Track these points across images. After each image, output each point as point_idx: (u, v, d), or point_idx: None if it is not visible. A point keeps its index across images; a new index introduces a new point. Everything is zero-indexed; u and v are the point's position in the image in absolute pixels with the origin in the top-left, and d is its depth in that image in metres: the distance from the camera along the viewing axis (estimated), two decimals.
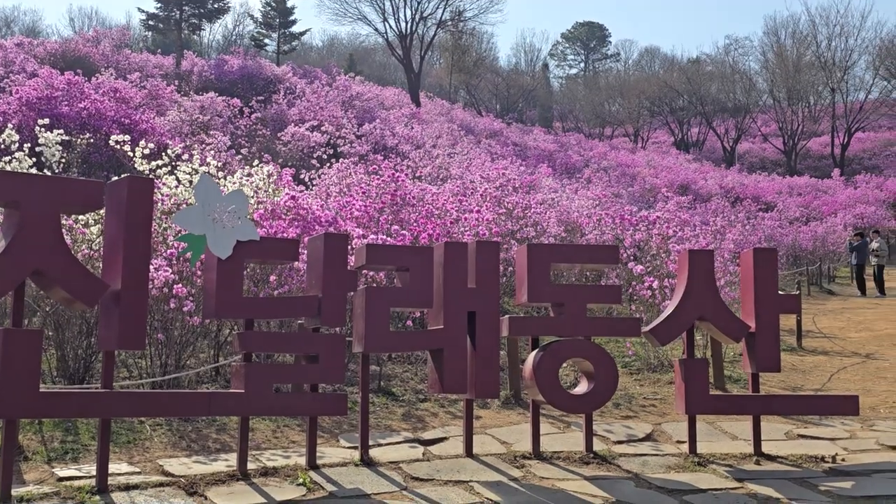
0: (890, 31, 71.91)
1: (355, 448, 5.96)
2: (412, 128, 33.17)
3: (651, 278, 9.96)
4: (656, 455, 6.26)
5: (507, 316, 6.28)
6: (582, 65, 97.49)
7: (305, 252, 6.61)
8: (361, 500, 4.97)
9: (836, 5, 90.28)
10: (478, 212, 11.65)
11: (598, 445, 6.35)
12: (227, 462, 5.60)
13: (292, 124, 25.07)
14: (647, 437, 6.85)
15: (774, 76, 61.67)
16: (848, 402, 6.52)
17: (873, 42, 61.10)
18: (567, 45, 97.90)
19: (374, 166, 14.23)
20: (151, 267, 6.64)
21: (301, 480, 5.20)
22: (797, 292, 13.94)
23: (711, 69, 68.33)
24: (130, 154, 9.96)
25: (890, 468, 5.85)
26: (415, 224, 10.32)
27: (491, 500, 5.04)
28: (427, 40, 56.95)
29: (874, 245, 23.84)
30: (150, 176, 8.99)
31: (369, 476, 5.42)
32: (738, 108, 61.39)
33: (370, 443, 5.94)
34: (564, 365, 7.83)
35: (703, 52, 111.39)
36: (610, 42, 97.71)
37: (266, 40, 64.46)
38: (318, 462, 5.61)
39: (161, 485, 5.02)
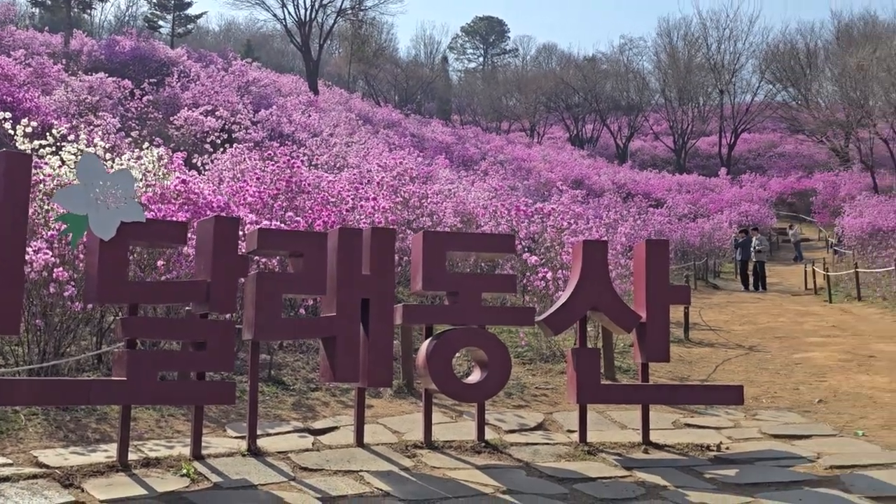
0: (776, 36, 74.63)
1: (243, 438, 5.79)
2: (310, 115, 32.76)
3: (545, 269, 10.04)
4: (547, 444, 6.28)
5: (401, 304, 6.21)
6: (481, 59, 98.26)
7: (195, 237, 6.40)
8: (248, 490, 4.83)
9: (727, 9, 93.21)
10: (374, 200, 11.55)
11: (489, 435, 6.34)
12: (106, 453, 5.37)
13: (186, 108, 24.42)
14: (539, 427, 6.89)
15: (667, 76, 63.34)
16: (733, 392, 6.66)
17: (760, 46, 63.48)
18: (467, 38, 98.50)
19: (269, 152, 13.95)
20: (30, 249, 6.34)
21: (185, 471, 5.01)
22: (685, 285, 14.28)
23: (606, 68, 69.74)
24: (11, 132, 9.50)
25: (771, 456, 6.01)
26: (310, 211, 10.15)
27: (381, 489, 4.96)
28: (326, 28, 56.26)
29: (755, 242, 24.70)
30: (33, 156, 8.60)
31: (256, 466, 5.27)
32: (632, 106, 62.89)
33: (258, 433, 5.78)
34: (459, 354, 7.81)
35: (598, 50, 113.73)
36: (509, 37, 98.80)
37: (160, 22, 62.85)
38: (204, 452, 5.43)
39: (34, 477, 4.77)
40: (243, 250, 6.33)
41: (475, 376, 6.23)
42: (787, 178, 49.30)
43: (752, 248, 24.60)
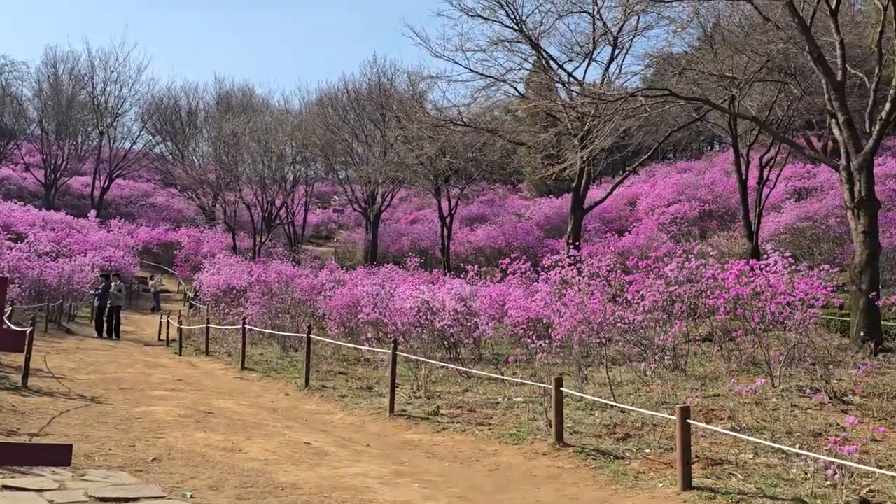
0: (161, 89, 75.88)
1: None
2: None
3: None
4: None
5: None
6: None
7: None
8: None
9: (117, 52, 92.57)
10: None
11: None
12: None
13: None
14: None
15: (47, 107, 60.76)
16: (61, 452, 6.21)
17: (145, 96, 64.27)
18: None
19: None
20: None
21: None
22: (31, 328, 13.49)
23: None
24: None
25: None
26: None
27: None
28: None
29: (114, 288, 24.53)
30: None
31: None
32: (5, 131, 58.99)
33: None
34: None
35: None
36: None
37: None
38: None
39: None
40: None
41: None
42: (156, 228, 50.16)
43: (110, 295, 24.36)
